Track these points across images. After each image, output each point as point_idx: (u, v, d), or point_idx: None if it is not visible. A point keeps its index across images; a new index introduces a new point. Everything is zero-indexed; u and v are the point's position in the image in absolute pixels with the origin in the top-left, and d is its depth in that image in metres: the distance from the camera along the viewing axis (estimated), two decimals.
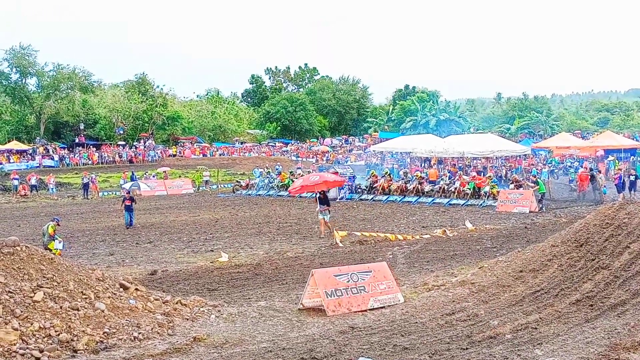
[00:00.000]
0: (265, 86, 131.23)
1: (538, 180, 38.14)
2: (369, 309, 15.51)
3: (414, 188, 42.48)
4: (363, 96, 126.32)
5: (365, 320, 14.54)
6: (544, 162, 61.01)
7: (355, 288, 15.83)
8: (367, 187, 45.02)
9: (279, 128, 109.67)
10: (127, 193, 35.08)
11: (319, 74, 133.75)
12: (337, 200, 41.65)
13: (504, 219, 32.59)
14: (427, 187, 42.54)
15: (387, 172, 46.59)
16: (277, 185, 51.58)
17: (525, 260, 17.18)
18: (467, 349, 12.08)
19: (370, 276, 16.20)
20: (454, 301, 15.68)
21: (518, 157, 59.29)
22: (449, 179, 43.61)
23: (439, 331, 13.29)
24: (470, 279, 17.35)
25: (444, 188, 42.05)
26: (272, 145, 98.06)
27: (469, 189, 40.37)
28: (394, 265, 20.84)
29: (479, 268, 18.17)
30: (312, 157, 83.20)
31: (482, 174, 45.77)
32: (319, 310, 15.38)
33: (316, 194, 28.45)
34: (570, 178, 48.01)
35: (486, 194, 39.39)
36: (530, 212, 34.64)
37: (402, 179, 44.85)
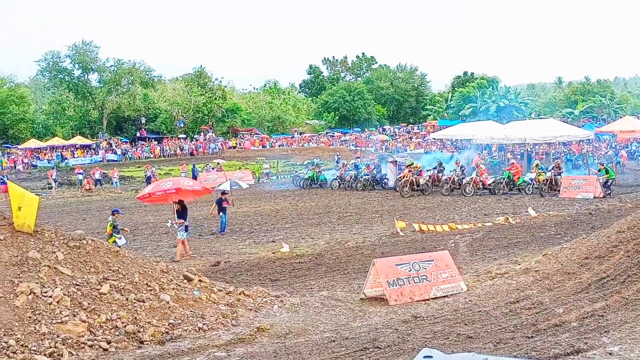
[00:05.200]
0: (323, 76, 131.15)
1: (607, 167, 37.24)
2: (432, 298, 15.42)
3: (471, 180, 39.08)
4: (421, 84, 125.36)
5: (427, 309, 14.46)
6: (609, 147, 59.79)
7: (417, 277, 15.74)
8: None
9: (337, 118, 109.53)
10: (222, 194, 29.87)
11: (376, 62, 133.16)
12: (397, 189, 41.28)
13: (568, 205, 32.06)
14: (489, 180, 39.65)
15: (412, 163, 43.56)
16: (310, 177, 50.22)
17: (591, 246, 16.86)
18: (532, 337, 11.92)
19: (432, 265, 16.10)
20: (518, 289, 15.49)
21: (581, 142, 58.19)
22: (460, 169, 40.89)
23: (503, 320, 13.14)
24: (534, 266, 17.11)
25: (453, 179, 39.66)
26: (330, 135, 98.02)
27: (503, 179, 38.91)
28: (456, 253, 20.66)
29: (543, 255, 17.90)
30: (371, 146, 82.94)
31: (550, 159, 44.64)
32: (381, 299, 15.35)
33: (173, 204, 23.97)
34: None
35: (527, 183, 38.49)
36: (594, 197, 34.02)
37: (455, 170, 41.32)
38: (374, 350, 11.63)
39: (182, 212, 23.17)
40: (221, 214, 28.62)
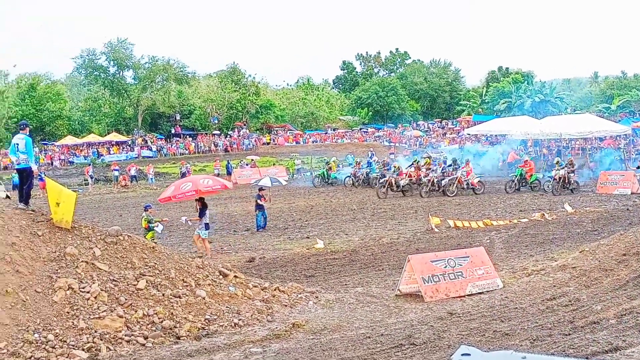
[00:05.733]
0: (356, 72, 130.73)
1: None
2: (467, 295, 15.37)
3: (455, 179, 37.05)
4: (455, 79, 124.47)
5: (463, 306, 14.40)
6: None
7: (453, 274, 15.69)
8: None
9: (370, 113, 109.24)
10: (260, 190, 29.64)
11: (410, 58, 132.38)
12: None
13: (605, 201, 31.73)
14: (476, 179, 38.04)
15: (416, 160, 42.33)
16: (320, 175, 49.56)
17: (629, 243, 16.67)
18: (569, 334, 11.82)
19: (468, 261, 16.03)
20: (554, 286, 15.37)
21: (618, 138, 57.38)
22: (442, 171, 38.68)
23: (540, 317, 13.05)
24: (571, 263, 16.96)
25: (433, 181, 37.46)
26: (364, 131, 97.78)
27: (515, 177, 37.81)
28: (492, 250, 20.54)
29: (580, 252, 17.73)
30: (405, 142, 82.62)
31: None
32: (416, 296, 15.32)
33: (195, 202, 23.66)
34: None
35: (538, 181, 37.70)
36: (632, 193, 33.59)
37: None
38: (410, 346, 11.61)
39: (202, 210, 22.76)
40: (257, 211, 28.38)
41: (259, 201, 28.34)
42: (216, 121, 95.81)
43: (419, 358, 11.11)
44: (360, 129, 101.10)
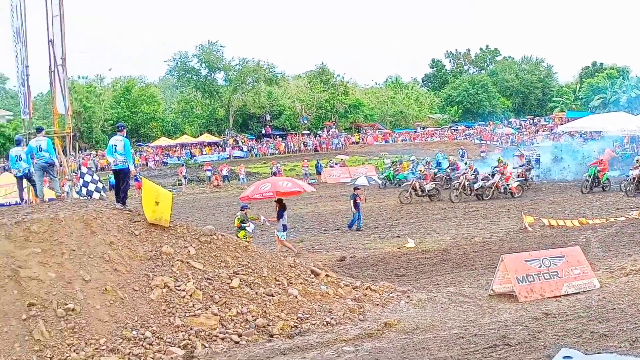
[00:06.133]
0: (446, 70, 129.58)
1: None
2: (563, 295, 15.03)
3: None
4: (547, 75, 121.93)
5: (559, 306, 14.09)
6: None
7: (548, 273, 15.38)
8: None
9: (460, 111, 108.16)
10: (355, 189, 29.03)
11: (500, 54, 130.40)
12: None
13: None
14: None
15: (500, 160, 39.12)
16: (387, 177, 48.65)
17: None
18: None
19: (563, 261, 15.68)
20: None
21: None
22: (475, 172, 36.82)
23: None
24: None
25: (464, 184, 35.59)
26: (454, 129, 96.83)
27: (589, 176, 35.60)
28: (588, 249, 20.05)
29: None
30: (496, 140, 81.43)
31: None
32: (510, 296, 15.08)
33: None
34: None
35: (609, 181, 35.75)
36: None
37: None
38: (504, 347, 11.43)
39: (280, 212, 22.96)
40: (357, 210, 27.89)
41: (355, 200, 27.81)
42: (305, 121, 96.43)
43: (514, 359, 10.93)
44: (450, 127, 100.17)
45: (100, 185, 28.30)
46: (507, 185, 35.66)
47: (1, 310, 11.50)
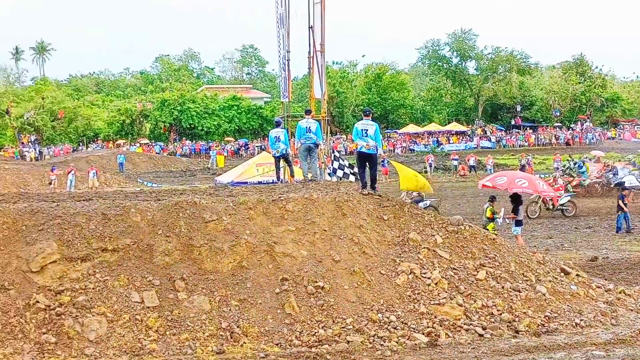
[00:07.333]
0: None
1: None
2: None
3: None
4: None
5: None
6: None
7: None
8: None
9: None
10: (623, 190, 27.42)
11: None
12: None
13: None
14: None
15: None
16: None
17: None
18: None
19: None
20: None
21: None
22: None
23: None
24: None
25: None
26: None
27: None
28: None
29: None
30: None
31: None
32: None
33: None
34: None
35: None
36: None
37: None
38: None
39: (515, 206, 21.21)
40: (619, 212, 25.85)
41: (621, 202, 25.83)
42: (558, 113, 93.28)
43: None
44: None
45: (353, 169, 29.02)
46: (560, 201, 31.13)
47: (257, 283, 12.14)
